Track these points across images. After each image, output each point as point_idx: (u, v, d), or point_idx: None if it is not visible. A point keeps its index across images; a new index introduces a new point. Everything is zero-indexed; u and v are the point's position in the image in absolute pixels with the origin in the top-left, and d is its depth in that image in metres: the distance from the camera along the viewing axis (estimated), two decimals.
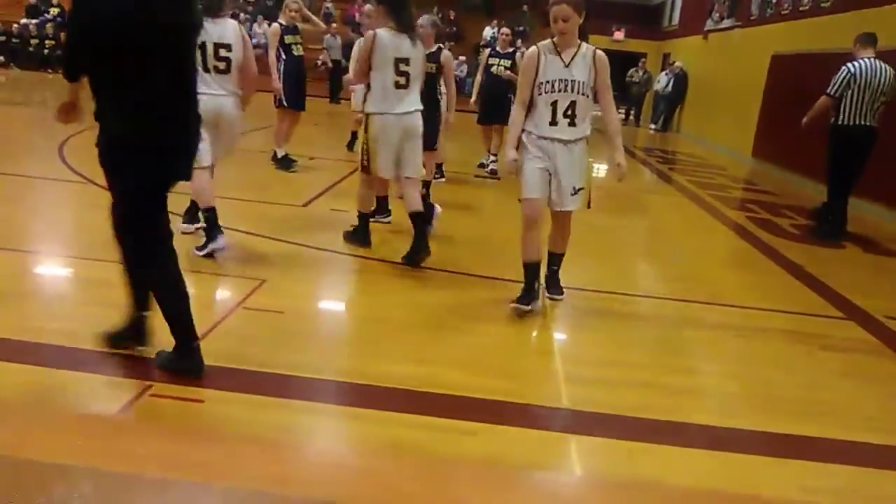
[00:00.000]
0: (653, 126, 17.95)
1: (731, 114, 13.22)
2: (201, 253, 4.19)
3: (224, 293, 3.94)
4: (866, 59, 6.29)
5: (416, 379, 2.89)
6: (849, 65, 6.30)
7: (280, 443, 1.79)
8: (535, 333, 3.75)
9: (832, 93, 6.30)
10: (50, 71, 16.99)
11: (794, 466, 2.57)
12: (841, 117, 6.31)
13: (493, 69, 8.23)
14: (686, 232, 6.93)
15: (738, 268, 5.62)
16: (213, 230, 4.22)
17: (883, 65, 6.25)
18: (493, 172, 8.23)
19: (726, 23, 14.73)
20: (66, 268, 4.10)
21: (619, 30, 22.08)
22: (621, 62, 20.80)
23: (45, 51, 17.39)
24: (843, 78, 6.24)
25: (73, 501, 1.13)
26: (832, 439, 2.79)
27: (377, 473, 1.34)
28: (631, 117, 19.66)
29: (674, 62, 17.51)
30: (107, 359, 2.84)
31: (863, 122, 6.27)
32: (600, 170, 8.94)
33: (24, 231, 4.62)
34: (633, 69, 19.13)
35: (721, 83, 14.10)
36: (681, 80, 16.73)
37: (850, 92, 6.21)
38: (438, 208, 5.30)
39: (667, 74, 17.37)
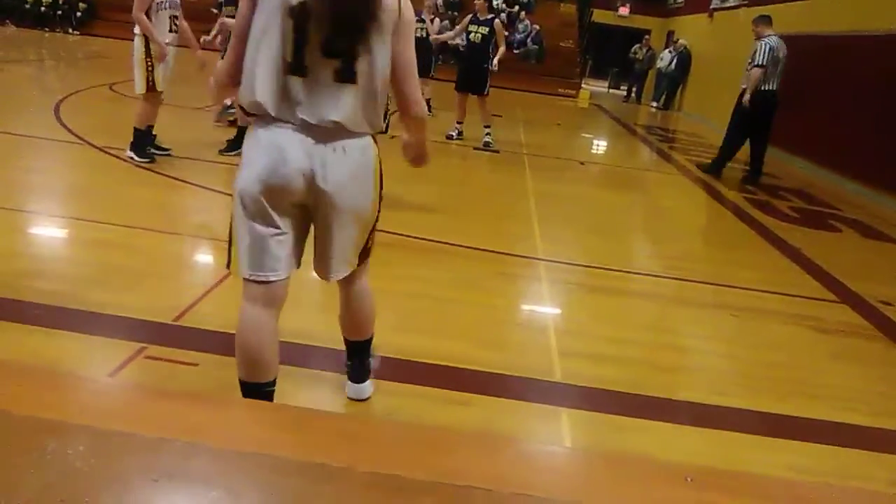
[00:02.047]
0: (654, 104, 17.86)
1: (733, 94, 13.07)
2: None
3: (219, 258, 3.93)
4: (774, 36, 7.64)
5: (411, 349, 2.90)
6: (767, 40, 7.57)
7: (274, 407, 1.80)
8: (529, 307, 3.76)
9: (764, 63, 7.55)
10: (47, 29, 16.77)
11: (783, 446, 2.60)
12: (761, 85, 7.65)
13: (472, 36, 8.05)
14: (684, 211, 6.92)
15: (735, 248, 5.62)
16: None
17: (782, 41, 7.68)
18: (487, 145, 8.08)
19: (732, 1, 14.58)
20: (61, 228, 4.08)
21: (624, 5, 21.89)
22: (625, 38, 20.70)
23: (42, 8, 17.14)
24: (767, 51, 7.53)
25: (67, 457, 1.13)
26: (821, 420, 2.81)
27: (370, 439, 1.35)
28: (632, 94, 19.56)
29: (678, 40, 17.36)
30: (101, 320, 2.84)
31: (773, 88, 7.71)
32: (599, 146, 8.88)
33: (15, 190, 4.59)
34: (637, 46, 18.98)
35: (725, 62, 13.96)
36: (684, 58, 16.61)
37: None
38: None
39: (670, 52, 17.24)
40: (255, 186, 1.84)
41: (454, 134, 8.35)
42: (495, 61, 7.99)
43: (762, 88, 7.65)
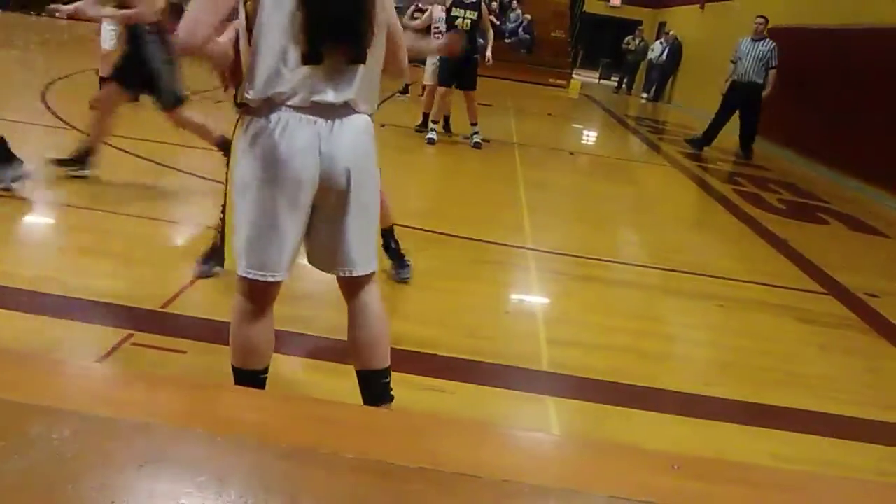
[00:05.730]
0: (645, 95, 17.87)
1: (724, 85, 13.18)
2: None
3: (207, 245, 3.90)
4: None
5: (397, 336, 2.87)
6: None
7: (261, 393, 1.80)
8: (517, 296, 3.77)
9: None
10: (33, 12, 16.55)
11: (767, 435, 2.62)
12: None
13: (458, 23, 7.16)
14: (672, 202, 6.94)
15: (722, 239, 5.65)
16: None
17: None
18: (478, 145, 7.50)
19: None
20: (46, 214, 4.05)
21: None
22: (616, 29, 20.67)
23: None
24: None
25: (52, 442, 1.12)
26: (805, 410, 2.83)
27: (357, 425, 1.35)
28: (623, 85, 19.56)
29: (669, 31, 17.36)
30: (87, 307, 2.82)
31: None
32: (589, 137, 8.87)
33: None
34: (630, 37, 18.95)
35: (716, 54, 13.97)
36: (675, 49, 16.61)
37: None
38: None
39: (661, 43, 17.24)
40: (261, 177, 1.77)
41: (434, 137, 7.47)
42: (488, 54, 7.40)
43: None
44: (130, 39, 4.21)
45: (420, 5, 9.57)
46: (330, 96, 1.77)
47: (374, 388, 2.09)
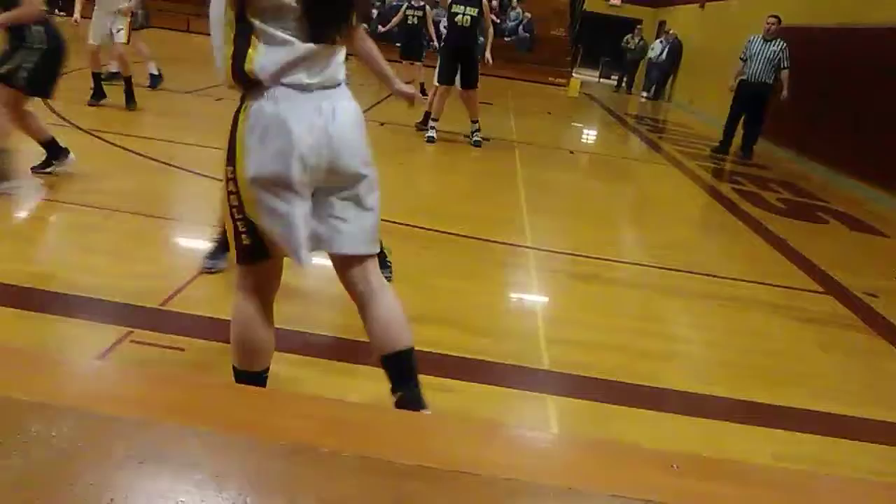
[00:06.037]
0: (645, 94, 17.86)
1: (724, 85, 13.15)
2: None
3: (209, 241, 3.90)
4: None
5: None
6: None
7: (261, 391, 1.79)
8: (517, 295, 3.77)
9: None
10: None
11: (767, 433, 2.62)
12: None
13: (458, 19, 7.02)
14: (672, 201, 6.94)
15: (722, 239, 5.65)
16: None
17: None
18: (478, 144, 7.49)
19: None
20: (46, 211, 4.04)
21: None
22: (617, 28, 20.66)
23: None
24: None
25: (52, 439, 1.12)
26: (806, 409, 2.84)
27: (358, 424, 1.34)
28: (623, 84, 19.56)
29: (669, 30, 17.35)
30: (86, 304, 2.82)
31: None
32: (589, 135, 8.84)
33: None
34: (629, 35, 18.93)
35: (716, 53, 13.99)
36: (675, 48, 16.61)
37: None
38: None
39: (661, 42, 17.23)
40: (275, 166, 1.75)
41: (434, 136, 7.40)
42: (488, 54, 7.33)
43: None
44: (13, 36, 4.08)
45: (413, 3, 9.57)
46: (324, 79, 1.79)
47: (404, 369, 2.03)
